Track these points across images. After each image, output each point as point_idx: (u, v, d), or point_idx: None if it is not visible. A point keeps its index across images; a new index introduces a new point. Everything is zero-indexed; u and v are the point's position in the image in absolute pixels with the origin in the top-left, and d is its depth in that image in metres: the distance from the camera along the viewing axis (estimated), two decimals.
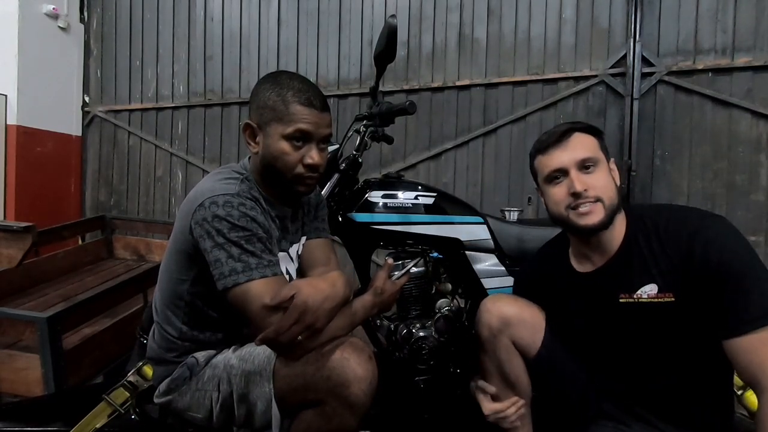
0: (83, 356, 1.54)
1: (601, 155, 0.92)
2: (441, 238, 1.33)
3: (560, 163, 0.92)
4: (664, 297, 0.86)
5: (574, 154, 0.91)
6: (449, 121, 2.76)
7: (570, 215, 0.91)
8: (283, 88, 0.93)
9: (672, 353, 0.89)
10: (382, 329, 1.38)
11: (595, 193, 0.89)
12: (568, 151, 0.91)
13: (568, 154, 0.91)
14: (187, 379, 0.97)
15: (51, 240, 2.37)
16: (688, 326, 0.86)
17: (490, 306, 1.05)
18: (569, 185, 0.90)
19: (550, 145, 0.94)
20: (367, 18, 2.88)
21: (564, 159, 0.91)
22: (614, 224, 0.92)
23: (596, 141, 0.93)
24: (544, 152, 0.95)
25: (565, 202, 0.91)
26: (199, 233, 0.87)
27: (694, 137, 2.36)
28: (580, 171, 0.90)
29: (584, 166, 0.90)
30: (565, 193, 0.91)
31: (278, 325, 0.81)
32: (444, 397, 1.36)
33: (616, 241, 0.93)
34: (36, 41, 3.10)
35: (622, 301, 0.91)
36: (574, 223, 0.91)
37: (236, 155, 3.15)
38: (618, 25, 2.47)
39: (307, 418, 0.89)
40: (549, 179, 0.95)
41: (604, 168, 0.92)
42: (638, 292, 0.89)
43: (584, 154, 0.90)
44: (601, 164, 0.91)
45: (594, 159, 0.91)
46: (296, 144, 0.93)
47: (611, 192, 0.90)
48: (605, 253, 0.94)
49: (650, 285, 0.88)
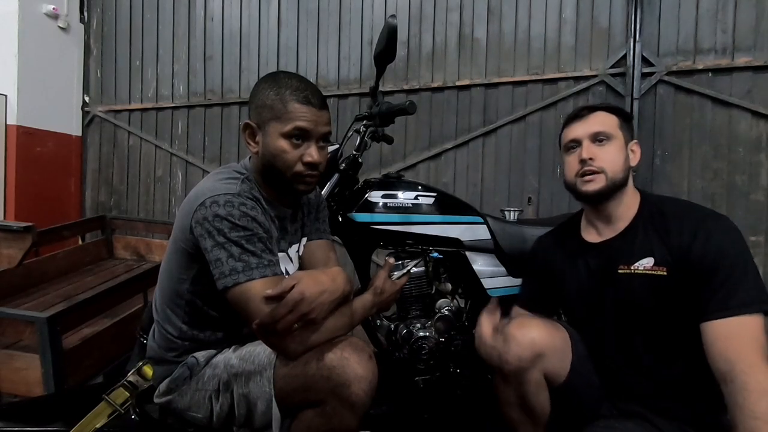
0: (83, 356, 1.54)
1: (618, 133, 0.99)
2: (441, 238, 1.33)
3: (576, 134, 1.01)
4: (658, 270, 0.92)
5: (589, 127, 1.00)
6: (449, 121, 2.76)
7: (577, 182, 1.00)
8: (281, 87, 0.93)
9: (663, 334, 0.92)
10: (382, 329, 1.38)
11: (600, 164, 0.96)
12: (585, 124, 1.00)
13: (584, 127, 1.00)
14: (187, 378, 0.97)
15: (51, 240, 2.37)
16: (676, 303, 0.90)
17: (518, 334, 0.94)
18: (580, 153, 0.99)
19: (573, 119, 1.04)
20: (367, 18, 2.88)
21: (579, 131, 1.01)
22: (623, 201, 0.99)
23: (617, 120, 1.01)
24: (567, 125, 1.05)
25: (576, 168, 1.00)
26: (199, 232, 0.88)
27: (694, 137, 2.36)
28: (592, 143, 0.99)
29: (597, 139, 0.99)
30: (576, 161, 1.00)
31: (274, 312, 0.81)
32: (444, 397, 1.36)
33: (626, 218, 0.99)
34: (36, 41, 3.10)
35: (620, 272, 0.96)
36: (579, 188, 0.99)
37: (236, 155, 3.15)
38: (618, 25, 2.47)
39: (308, 417, 0.89)
40: (566, 149, 1.04)
41: (617, 145, 0.99)
42: (635, 264, 0.94)
43: (598, 128, 0.99)
44: (614, 140, 0.99)
45: (607, 134, 0.98)
46: (295, 142, 0.93)
47: (616, 167, 0.97)
48: (613, 227, 1.00)
49: (647, 258, 0.93)
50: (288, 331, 0.84)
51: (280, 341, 0.87)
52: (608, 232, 1.01)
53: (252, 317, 0.85)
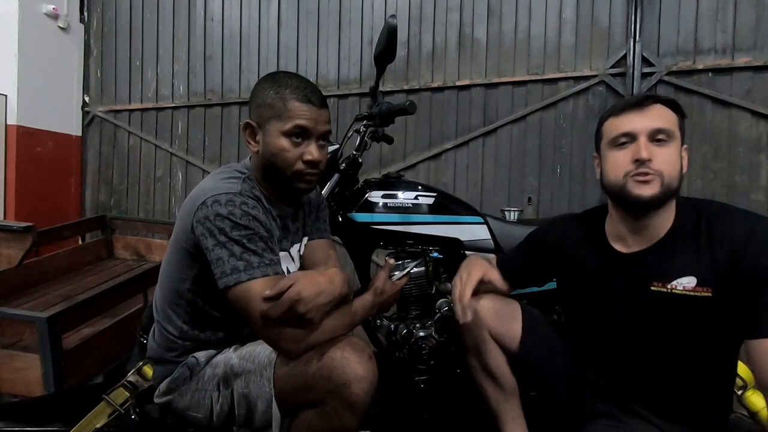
0: (83, 356, 1.54)
1: (677, 133, 0.87)
2: (441, 238, 1.33)
3: (632, 127, 0.86)
4: (702, 291, 0.83)
5: (650, 121, 0.85)
6: (449, 121, 2.76)
7: (628, 182, 0.86)
8: (281, 86, 0.93)
9: (687, 349, 0.88)
10: (382, 329, 1.38)
11: (659, 167, 0.83)
12: (644, 117, 0.86)
13: (643, 120, 0.86)
14: (187, 378, 0.97)
15: (51, 240, 2.37)
16: (717, 324, 0.84)
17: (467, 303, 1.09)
18: (635, 151, 0.85)
19: (627, 107, 0.88)
20: (367, 18, 2.88)
21: (637, 123, 0.86)
22: (666, 212, 0.88)
23: (677, 117, 0.88)
24: (618, 114, 0.89)
25: (627, 168, 0.86)
26: (200, 232, 0.88)
27: (694, 137, 2.36)
28: (651, 141, 0.85)
29: (656, 137, 0.85)
30: (628, 159, 0.85)
31: (270, 310, 0.82)
32: (444, 397, 1.36)
33: (662, 228, 0.88)
34: (36, 41, 3.10)
35: (653, 289, 0.87)
36: (629, 191, 0.85)
37: (236, 155, 3.15)
38: (618, 25, 2.47)
39: (308, 417, 0.89)
40: (615, 142, 0.89)
41: (676, 146, 0.86)
42: (673, 282, 0.85)
43: (660, 124, 0.85)
44: (674, 140, 0.86)
45: (669, 132, 0.85)
46: (295, 140, 0.93)
47: (675, 172, 0.85)
48: (647, 238, 0.90)
49: (689, 278, 0.84)
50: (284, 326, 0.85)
51: (280, 341, 0.87)
52: (638, 243, 0.91)
53: (253, 316, 0.85)
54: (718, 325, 0.84)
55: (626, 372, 0.94)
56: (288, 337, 0.87)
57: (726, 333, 0.84)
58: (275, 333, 0.87)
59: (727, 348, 0.87)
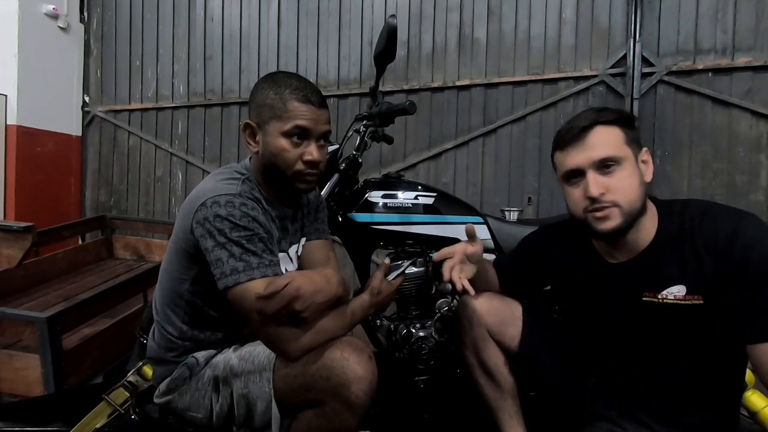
0: (83, 356, 1.54)
1: (625, 151, 0.84)
2: (441, 238, 1.33)
3: (576, 163, 0.85)
4: (693, 299, 0.82)
5: (591, 153, 0.84)
6: (449, 121, 2.76)
7: (588, 218, 0.86)
8: (281, 86, 0.93)
9: (685, 356, 0.87)
10: (382, 329, 1.38)
11: (612, 198, 0.83)
12: (585, 150, 0.84)
13: (584, 155, 0.84)
14: (187, 378, 0.97)
15: (51, 240, 2.37)
16: (710, 330, 0.83)
17: (466, 300, 1.12)
18: (585, 188, 0.84)
19: (567, 141, 0.87)
20: (367, 18, 2.88)
21: (580, 159, 0.85)
22: (641, 223, 0.86)
23: (622, 134, 0.85)
24: (561, 149, 0.89)
25: (583, 204, 0.86)
26: (200, 233, 0.88)
27: (694, 137, 2.36)
28: (598, 171, 0.84)
29: (603, 165, 0.84)
30: (581, 195, 0.86)
31: (267, 305, 0.82)
32: (444, 397, 1.36)
33: (645, 239, 0.88)
34: (36, 41, 3.10)
35: (645, 299, 0.87)
36: (592, 227, 0.86)
37: (236, 155, 3.15)
38: (618, 25, 2.47)
39: (307, 418, 0.89)
40: (566, 179, 0.89)
41: (627, 167, 0.84)
42: (664, 292, 0.85)
43: (603, 153, 0.83)
44: (624, 162, 0.84)
45: (615, 158, 0.83)
46: (295, 141, 0.93)
47: (632, 195, 0.83)
48: (631, 251, 0.89)
49: (678, 286, 0.83)
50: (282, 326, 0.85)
51: (278, 342, 0.87)
52: (624, 254, 0.91)
53: (253, 316, 0.85)
54: (713, 330, 0.83)
55: (626, 374, 0.94)
56: (286, 337, 0.87)
57: (723, 336, 0.83)
58: (274, 333, 0.87)
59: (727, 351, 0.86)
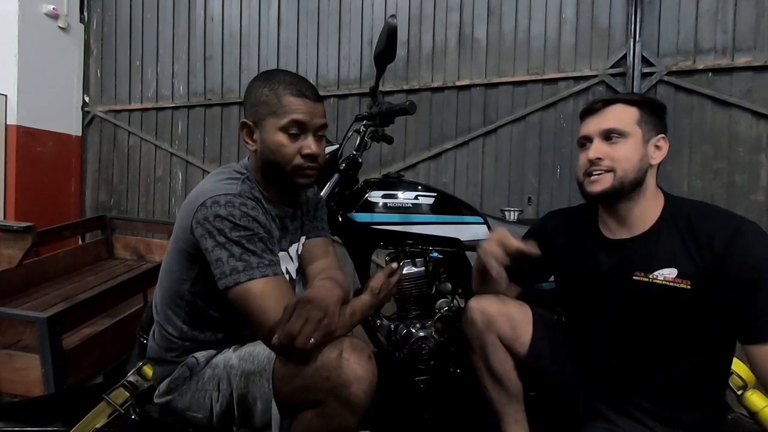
0: (83, 356, 1.54)
1: (634, 129, 0.92)
2: (441, 238, 1.33)
3: (587, 131, 0.95)
4: (681, 283, 0.86)
5: (601, 123, 0.93)
6: (449, 121, 2.76)
7: (585, 181, 0.95)
8: (275, 82, 0.94)
9: (672, 344, 0.89)
10: (382, 329, 1.38)
11: (609, 164, 0.91)
12: (597, 120, 0.94)
13: (595, 123, 0.94)
14: (187, 379, 0.97)
15: (51, 240, 2.37)
16: (695, 318, 0.86)
17: (475, 304, 1.09)
18: (588, 151, 0.93)
19: (588, 112, 0.97)
20: (367, 18, 2.88)
21: (591, 127, 0.95)
22: (640, 203, 0.92)
23: (638, 114, 0.92)
24: (582, 118, 0.99)
25: (585, 167, 0.95)
26: (200, 233, 0.88)
27: (694, 137, 2.36)
28: (603, 140, 0.93)
29: (608, 136, 0.92)
30: (585, 159, 0.95)
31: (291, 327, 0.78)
32: (444, 397, 1.36)
33: (646, 221, 0.93)
34: (36, 41, 3.10)
35: (635, 278, 0.91)
36: (584, 188, 0.95)
37: (236, 155, 3.15)
38: (618, 25, 2.47)
39: (307, 418, 0.89)
40: (579, 144, 0.99)
41: (632, 142, 0.91)
42: (655, 273, 0.88)
43: (611, 124, 0.92)
44: (629, 138, 0.91)
45: (621, 131, 0.91)
46: (292, 135, 0.93)
47: (629, 165, 0.90)
48: (629, 229, 0.94)
49: (670, 269, 0.87)
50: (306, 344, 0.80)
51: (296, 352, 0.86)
52: (623, 232, 0.95)
53: (253, 316, 0.85)
54: (699, 318, 0.85)
55: (626, 371, 0.94)
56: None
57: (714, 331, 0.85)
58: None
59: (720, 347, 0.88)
